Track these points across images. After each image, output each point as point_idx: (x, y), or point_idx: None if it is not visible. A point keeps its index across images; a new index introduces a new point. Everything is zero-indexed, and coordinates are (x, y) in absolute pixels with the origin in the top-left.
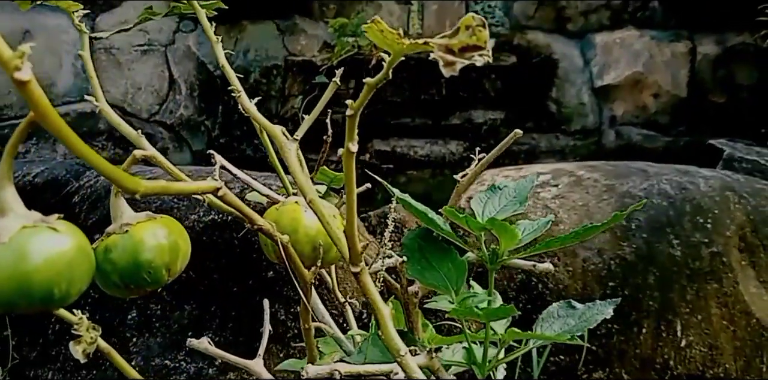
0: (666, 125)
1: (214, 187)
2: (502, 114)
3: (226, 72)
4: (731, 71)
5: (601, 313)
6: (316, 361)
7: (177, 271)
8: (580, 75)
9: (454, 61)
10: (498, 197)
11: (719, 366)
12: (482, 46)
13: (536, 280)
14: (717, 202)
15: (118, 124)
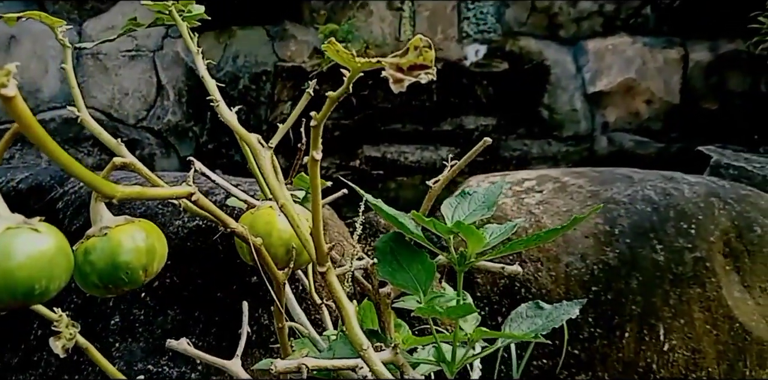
0: (659, 131)
1: (188, 193)
2: (494, 120)
3: (206, 82)
4: (724, 78)
5: (567, 313)
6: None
7: (153, 272)
8: (572, 81)
9: (403, 79)
10: (468, 202)
11: (702, 370)
12: (428, 65)
13: (519, 285)
14: (701, 208)
15: (99, 133)
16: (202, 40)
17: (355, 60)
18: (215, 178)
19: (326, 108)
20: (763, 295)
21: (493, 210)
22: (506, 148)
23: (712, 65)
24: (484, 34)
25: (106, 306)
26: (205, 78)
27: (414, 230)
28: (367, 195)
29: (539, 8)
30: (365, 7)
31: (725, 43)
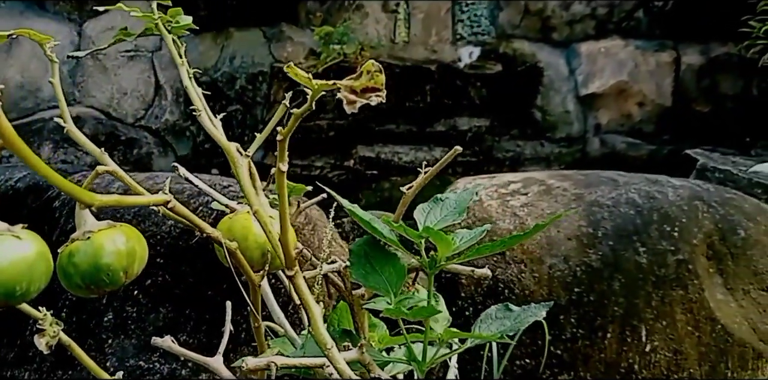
0: (651, 133)
1: (164, 200)
2: (487, 121)
3: (189, 92)
4: (715, 81)
5: (535, 315)
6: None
7: (134, 274)
8: (565, 83)
9: (356, 100)
10: (440, 208)
11: (684, 371)
12: (379, 87)
13: (503, 286)
14: (685, 211)
15: (84, 142)
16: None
17: (313, 82)
18: (198, 183)
19: (291, 123)
20: (746, 297)
21: (464, 215)
22: (499, 149)
23: (704, 68)
24: (478, 37)
25: (100, 303)
26: (189, 87)
27: (387, 234)
28: (343, 201)
29: (532, 11)
30: (361, 9)
31: (717, 47)
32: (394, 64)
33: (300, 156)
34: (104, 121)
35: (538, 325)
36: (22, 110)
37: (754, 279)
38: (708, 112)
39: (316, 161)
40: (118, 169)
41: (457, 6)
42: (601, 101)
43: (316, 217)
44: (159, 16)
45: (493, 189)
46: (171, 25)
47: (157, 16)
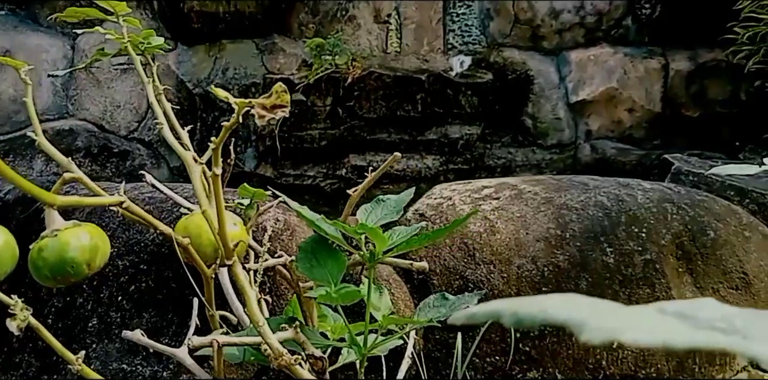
0: (641, 139)
1: (118, 201)
2: (479, 129)
3: (154, 108)
4: (704, 86)
5: (467, 303)
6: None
7: (96, 266)
8: (555, 91)
9: (266, 115)
10: (381, 208)
11: (651, 367)
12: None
13: (473, 286)
14: (653, 213)
15: (54, 153)
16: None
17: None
18: (163, 189)
19: (222, 134)
20: (715, 296)
21: (400, 213)
22: (491, 156)
23: (692, 74)
24: (469, 46)
25: (85, 309)
26: (153, 103)
27: (332, 232)
28: (292, 203)
29: (522, 20)
30: (353, 21)
31: (705, 53)
32: (385, 74)
33: (292, 166)
34: (97, 133)
35: None
36: (15, 124)
37: (723, 277)
38: (697, 117)
39: (309, 171)
40: (83, 175)
41: (448, 16)
42: (592, 108)
43: (294, 223)
44: (129, 38)
45: (467, 194)
46: (145, 46)
47: (126, 39)
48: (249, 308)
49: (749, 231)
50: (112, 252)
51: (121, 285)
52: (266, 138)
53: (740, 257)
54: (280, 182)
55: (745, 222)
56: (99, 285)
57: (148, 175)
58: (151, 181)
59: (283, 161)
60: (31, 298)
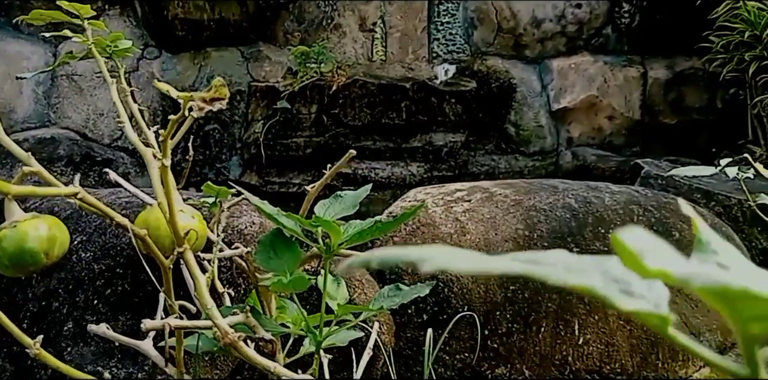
0: (621, 146)
1: (73, 192)
2: (463, 136)
3: (118, 107)
4: (681, 94)
5: (418, 292)
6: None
7: (54, 256)
8: (537, 98)
9: (204, 107)
10: (338, 203)
11: (616, 362)
12: (223, 97)
13: (443, 285)
14: (620, 215)
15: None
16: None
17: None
18: (127, 186)
19: (170, 127)
20: (679, 294)
21: (356, 208)
22: (475, 163)
23: (670, 82)
24: (453, 55)
25: (60, 313)
26: (117, 103)
27: (290, 226)
28: (253, 198)
29: (505, 29)
30: (338, 29)
31: (682, 61)
32: (370, 82)
33: (278, 173)
34: (80, 141)
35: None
36: None
37: None
38: (675, 124)
39: (294, 178)
40: (42, 169)
41: (433, 25)
42: (573, 115)
43: (270, 226)
44: (93, 41)
45: (439, 196)
46: (112, 49)
47: (91, 42)
48: (199, 292)
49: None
50: (89, 256)
51: (97, 288)
52: (251, 146)
53: None
54: (266, 190)
55: (710, 223)
56: (75, 289)
57: (112, 172)
58: (115, 178)
59: (269, 169)
60: (5, 303)
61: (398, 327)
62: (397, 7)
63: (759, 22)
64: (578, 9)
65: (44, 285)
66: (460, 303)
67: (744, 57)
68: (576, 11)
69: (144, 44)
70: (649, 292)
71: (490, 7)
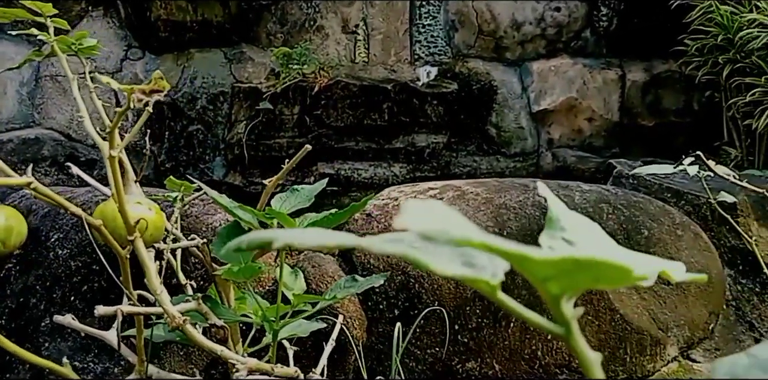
0: (600, 147)
1: (26, 182)
2: (445, 138)
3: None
4: (659, 96)
5: (373, 283)
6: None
7: (12, 245)
8: (518, 100)
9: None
10: (295, 197)
11: None
12: (161, 89)
13: (414, 281)
14: (589, 213)
15: None
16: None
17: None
18: (88, 179)
19: (116, 119)
20: (648, 291)
21: (311, 201)
22: (457, 164)
23: (648, 84)
24: (435, 57)
25: (38, 309)
26: (77, 99)
27: (247, 219)
28: (212, 192)
29: (486, 32)
30: (321, 31)
31: (659, 64)
32: (352, 83)
33: (261, 174)
34: (64, 142)
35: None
36: None
37: None
38: (653, 126)
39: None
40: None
41: (415, 27)
42: (553, 117)
43: None
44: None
45: (412, 195)
46: (77, 47)
47: (53, 39)
48: (148, 279)
49: (682, 230)
50: (65, 253)
51: (74, 285)
52: (234, 146)
53: (672, 254)
54: (249, 190)
55: (678, 221)
56: (52, 285)
57: (74, 166)
58: (77, 172)
59: (252, 170)
60: None
61: (370, 323)
62: (379, 9)
63: (732, 26)
64: (557, 12)
65: (22, 282)
66: (431, 298)
67: (718, 60)
68: (555, 14)
69: (127, 45)
70: (491, 264)
71: (470, 10)
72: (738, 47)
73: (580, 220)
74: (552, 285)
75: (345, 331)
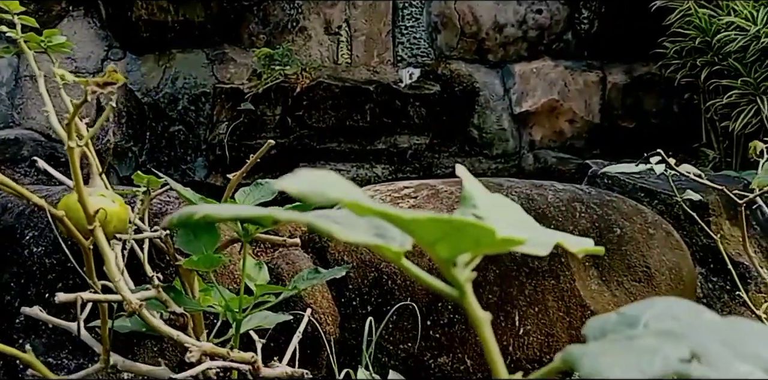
0: (581, 149)
1: None
2: (427, 139)
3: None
4: (639, 98)
5: (335, 274)
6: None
7: None
8: (500, 102)
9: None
10: (259, 190)
11: (555, 351)
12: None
13: (386, 277)
14: (562, 211)
15: None
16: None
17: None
18: (53, 172)
19: (74, 112)
20: (620, 288)
21: (274, 194)
22: (439, 165)
23: (628, 87)
24: (418, 58)
25: (12, 306)
26: (44, 94)
27: None
28: (176, 185)
29: (468, 34)
30: (303, 32)
31: (639, 67)
32: (334, 84)
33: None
34: (44, 142)
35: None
36: None
37: (627, 271)
38: (633, 127)
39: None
40: None
41: (397, 29)
42: (535, 119)
43: None
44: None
45: (387, 193)
46: (47, 44)
47: (20, 37)
48: (107, 266)
49: (653, 229)
50: (40, 250)
51: (48, 282)
52: (216, 147)
53: (644, 252)
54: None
55: (650, 220)
56: (26, 282)
57: (40, 160)
58: (43, 166)
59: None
60: None
61: (343, 319)
62: (361, 10)
63: (709, 29)
64: (539, 14)
65: None
66: (403, 294)
67: (696, 62)
68: (537, 17)
69: (108, 45)
70: (401, 236)
71: (452, 12)
72: (715, 50)
73: (499, 201)
74: (440, 249)
75: (317, 327)
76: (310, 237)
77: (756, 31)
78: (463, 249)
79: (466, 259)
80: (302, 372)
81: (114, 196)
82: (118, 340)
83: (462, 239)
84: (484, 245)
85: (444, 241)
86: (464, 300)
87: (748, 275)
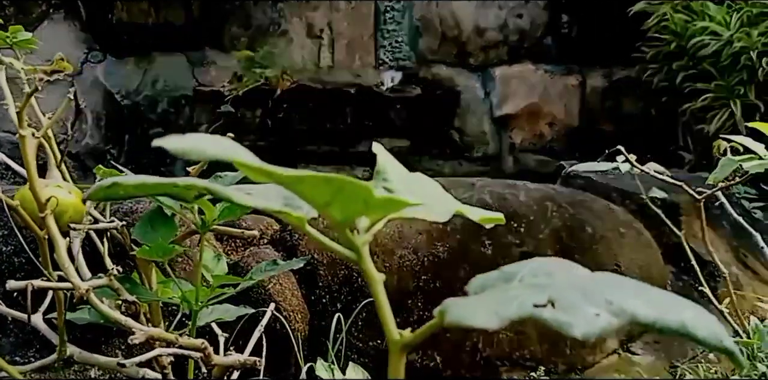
0: (561, 151)
1: None
2: (408, 142)
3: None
4: (618, 102)
5: (292, 266)
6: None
7: None
8: (481, 105)
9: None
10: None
11: (525, 349)
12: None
13: (357, 275)
14: (534, 210)
15: None
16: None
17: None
18: (11, 164)
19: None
20: None
21: None
22: (420, 168)
23: (607, 90)
24: (400, 62)
25: None
26: (4, 88)
27: (170, 203)
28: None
29: (449, 37)
30: (285, 35)
31: (618, 70)
32: (314, 87)
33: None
34: None
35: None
36: None
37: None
38: (612, 130)
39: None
40: None
41: (380, 32)
42: (515, 122)
43: None
44: None
45: None
46: (12, 40)
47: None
48: (57, 253)
49: (624, 228)
50: (9, 250)
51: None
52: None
53: (615, 251)
54: None
55: (621, 220)
56: None
57: (2, 155)
58: (3, 158)
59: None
60: None
61: (313, 316)
62: (343, 14)
63: (685, 34)
64: (519, 19)
65: None
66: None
67: (672, 66)
68: (517, 21)
69: (88, 48)
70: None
71: (434, 16)
72: (690, 54)
73: (416, 177)
74: (334, 211)
75: (286, 325)
76: (281, 236)
77: (729, 36)
78: (355, 210)
79: (366, 224)
80: (255, 360)
81: (71, 188)
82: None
83: (351, 200)
84: (374, 206)
85: (335, 203)
86: (361, 262)
87: (717, 273)
